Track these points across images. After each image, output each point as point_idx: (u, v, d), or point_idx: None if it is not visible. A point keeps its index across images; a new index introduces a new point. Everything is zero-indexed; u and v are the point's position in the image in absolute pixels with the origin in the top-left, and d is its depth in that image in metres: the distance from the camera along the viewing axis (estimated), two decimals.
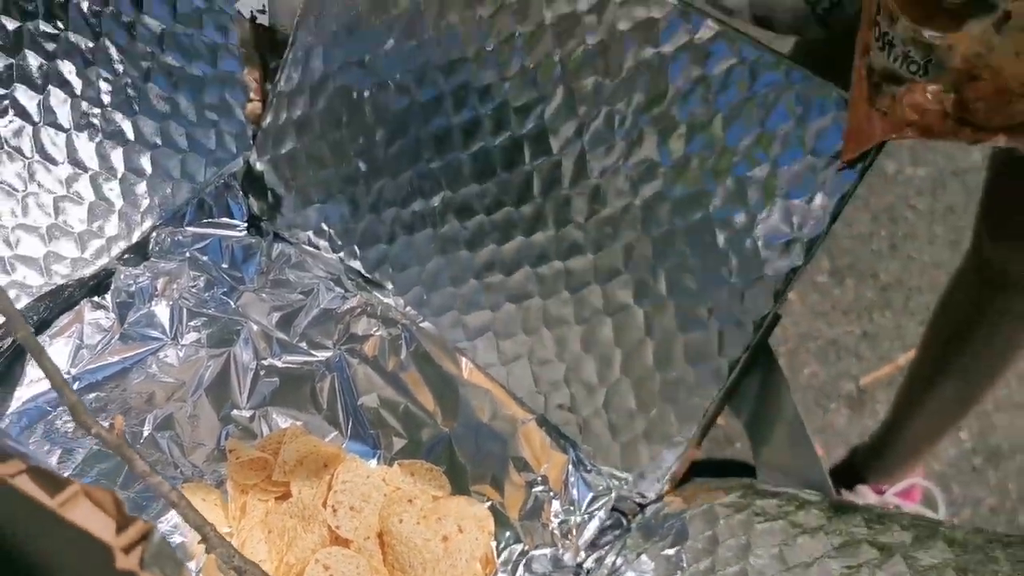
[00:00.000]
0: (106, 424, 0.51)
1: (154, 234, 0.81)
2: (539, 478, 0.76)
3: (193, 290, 0.83)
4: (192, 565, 0.68)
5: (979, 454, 1.29)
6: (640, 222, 0.69)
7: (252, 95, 0.85)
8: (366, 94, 0.78)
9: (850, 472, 1.16)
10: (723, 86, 0.64)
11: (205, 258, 0.85)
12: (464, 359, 0.81)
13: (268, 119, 0.84)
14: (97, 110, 0.74)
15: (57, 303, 0.76)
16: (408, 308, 0.83)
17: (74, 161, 0.74)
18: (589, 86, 0.68)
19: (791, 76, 0.62)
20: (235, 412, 0.78)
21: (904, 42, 0.50)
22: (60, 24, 0.70)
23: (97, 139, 0.74)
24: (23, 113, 0.72)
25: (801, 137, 0.63)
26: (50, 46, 0.70)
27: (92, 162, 0.75)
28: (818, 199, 0.63)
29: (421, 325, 0.82)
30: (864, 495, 1.13)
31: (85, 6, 0.71)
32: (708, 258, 0.67)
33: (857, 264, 1.43)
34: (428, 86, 0.75)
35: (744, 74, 0.63)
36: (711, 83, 0.64)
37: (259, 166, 0.86)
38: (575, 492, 0.76)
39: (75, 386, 0.78)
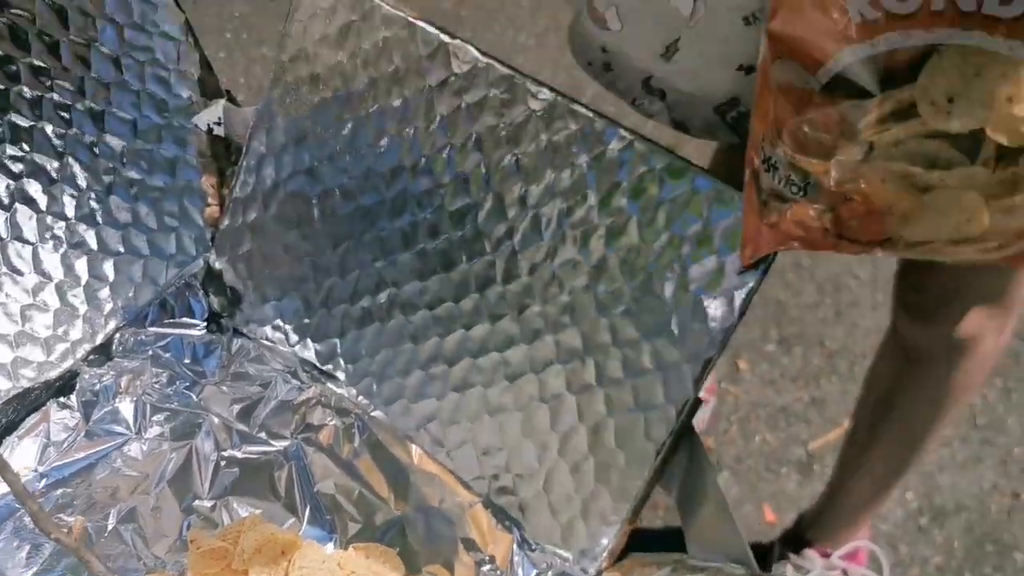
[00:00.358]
0: (71, 520, 0.55)
1: (118, 335, 0.86)
2: (487, 558, 0.80)
3: (156, 386, 0.87)
4: None
5: (925, 514, 1.34)
6: (568, 315, 0.75)
7: (210, 200, 0.91)
8: (314, 200, 0.83)
9: (797, 537, 1.21)
10: (635, 192, 0.70)
11: (168, 355, 0.89)
12: (414, 446, 0.85)
13: (226, 222, 0.90)
14: (62, 223, 0.79)
15: (24, 405, 0.81)
16: (360, 398, 0.87)
17: (40, 272, 0.79)
18: (516, 192, 0.74)
19: (697, 182, 0.69)
20: (197, 503, 0.82)
21: (785, 167, 0.55)
22: (26, 147, 0.75)
23: (62, 250, 0.79)
24: None
25: (709, 238, 0.68)
26: (17, 167, 0.76)
27: (57, 272, 0.80)
28: (727, 294, 0.68)
29: (372, 414, 0.87)
30: (811, 559, 1.17)
31: (50, 129, 0.76)
32: (631, 349, 0.73)
33: (804, 332, 1.49)
34: (371, 192, 0.81)
35: (655, 180, 0.69)
36: (625, 189, 0.70)
37: (218, 266, 0.91)
38: (520, 571, 0.80)
39: (43, 483, 0.82)
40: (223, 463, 0.84)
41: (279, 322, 0.90)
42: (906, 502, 1.34)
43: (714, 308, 0.69)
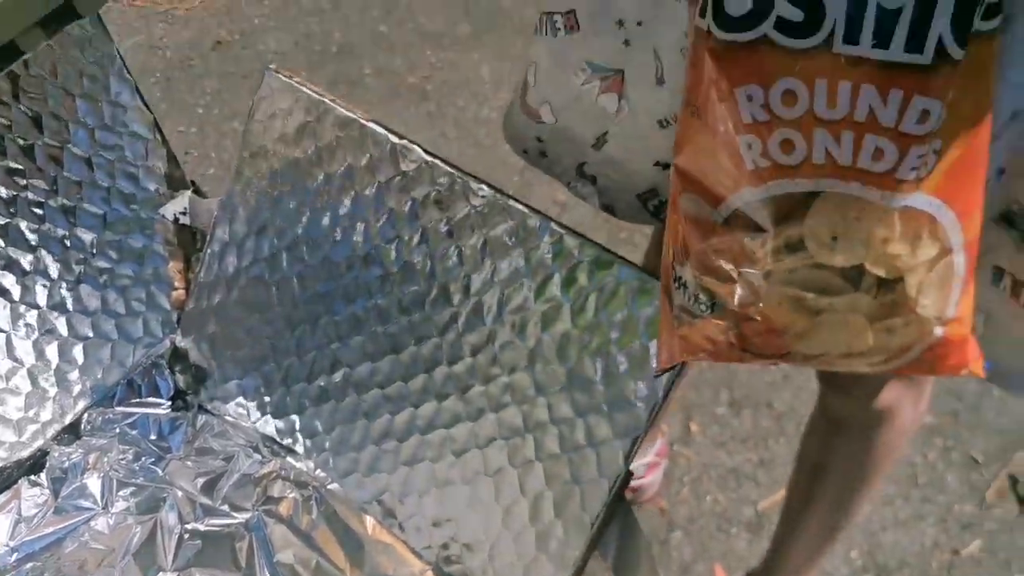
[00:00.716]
0: None
1: (86, 415, 0.91)
2: None
3: (122, 462, 0.92)
4: None
5: (869, 571, 1.39)
6: (508, 395, 0.80)
7: (177, 284, 0.96)
8: (273, 286, 0.89)
9: None
10: (567, 282, 0.76)
11: (134, 432, 0.94)
12: (368, 517, 0.90)
13: (191, 305, 0.95)
14: (34, 312, 0.84)
15: None
16: (318, 471, 0.92)
17: (13, 358, 0.83)
18: (459, 282, 0.80)
19: (622, 274, 0.75)
20: (160, 575, 0.86)
21: (694, 286, 0.60)
22: (0, 242, 0.81)
23: (33, 337, 0.84)
24: None
25: (634, 325, 0.75)
26: None
27: (29, 357, 0.84)
28: (651, 377, 0.74)
29: (329, 487, 0.91)
30: None
31: (24, 225, 0.82)
32: (566, 426, 0.78)
33: (753, 395, 1.55)
34: (326, 280, 0.86)
35: (584, 272, 0.76)
36: (557, 280, 0.76)
37: (184, 346, 0.96)
38: None
39: (14, 557, 0.86)
40: (186, 535, 0.89)
41: (242, 399, 0.95)
42: (851, 560, 1.39)
43: (640, 390, 0.75)
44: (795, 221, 0.54)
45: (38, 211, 0.83)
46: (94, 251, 0.87)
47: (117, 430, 0.92)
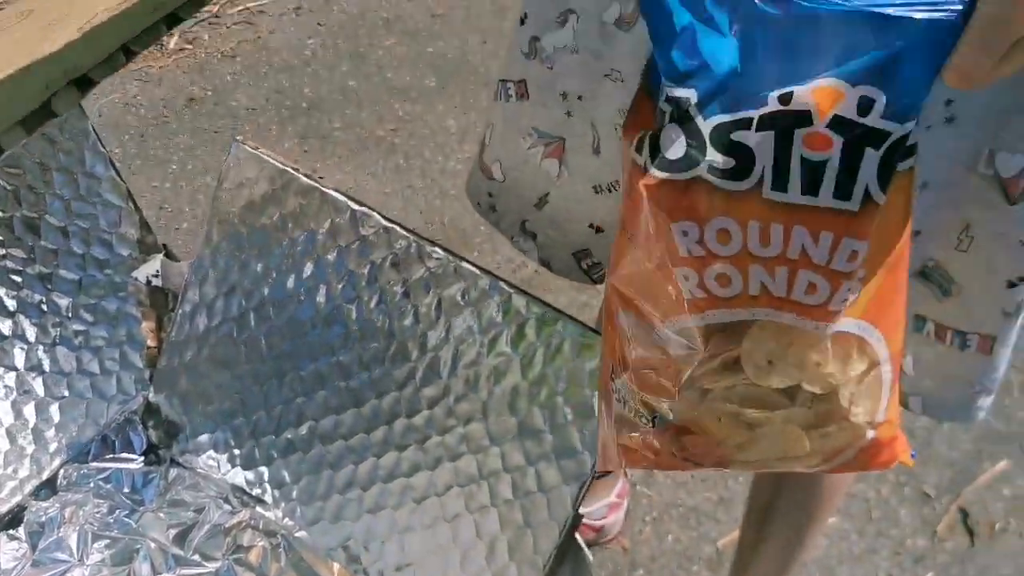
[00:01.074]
0: None
1: (62, 470, 0.95)
2: None
3: (97, 515, 0.96)
4: None
5: None
6: (464, 444, 0.85)
7: (149, 343, 1.01)
8: (242, 345, 0.94)
9: None
10: (516, 338, 0.81)
11: (109, 486, 0.98)
12: (335, 563, 0.94)
13: (163, 362, 0.99)
14: (12, 374, 0.88)
15: None
16: (286, 520, 0.96)
17: None
18: (416, 339, 0.85)
19: (567, 329, 0.80)
20: None
21: (634, 399, 0.62)
22: None
23: (12, 397, 0.88)
24: None
25: (579, 377, 0.80)
26: None
27: (8, 417, 0.89)
28: (595, 426, 0.79)
29: (297, 535, 0.96)
30: None
31: (2, 292, 0.86)
32: (519, 473, 0.83)
33: None
34: (291, 338, 0.91)
35: (532, 328, 0.81)
36: (507, 336, 0.82)
37: (156, 402, 1.00)
38: None
39: None
40: None
41: (212, 452, 0.99)
42: None
43: (585, 438, 0.80)
44: (731, 342, 0.56)
45: (16, 279, 0.87)
46: (70, 315, 0.92)
47: (92, 484, 0.96)
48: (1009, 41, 0.47)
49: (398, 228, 0.85)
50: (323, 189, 0.88)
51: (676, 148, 0.52)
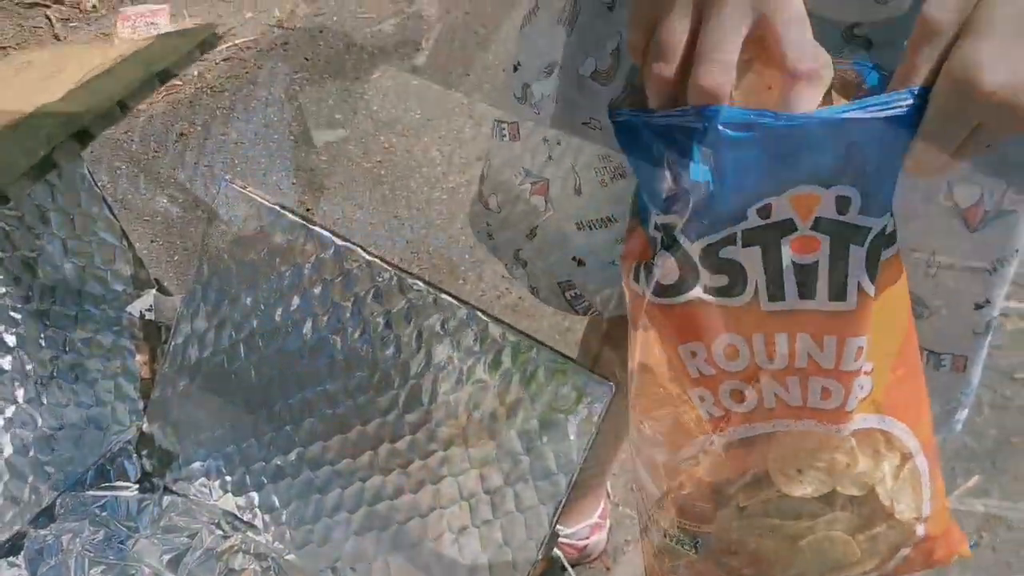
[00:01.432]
0: None
1: (60, 499, 0.98)
2: None
3: (94, 542, 0.99)
4: None
5: None
6: (445, 467, 0.89)
7: (143, 374, 1.05)
8: (232, 375, 0.98)
9: None
10: (493, 365, 0.86)
11: (105, 513, 1.01)
12: None
13: (156, 393, 1.03)
14: (12, 407, 0.92)
15: None
16: (276, 543, 1.00)
17: None
18: (398, 367, 0.89)
19: (541, 356, 0.84)
20: None
21: (674, 530, 0.62)
22: None
23: (12, 430, 0.92)
24: None
25: (553, 401, 0.84)
26: None
27: (8, 448, 0.92)
28: (568, 448, 0.84)
29: (287, 557, 0.99)
30: None
31: (1, 329, 0.90)
32: (497, 495, 0.87)
33: None
34: (280, 368, 0.95)
35: (508, 355, 0.85)
36: (484, 363, 0.86)
37: (150, 431, 1.04)
38: None
39: None
40: None
41: (204, 479, 1.03)
42: None
43: (560, 460, 0.84)
44: (758, 455, 0.56)
45: (15, 315, 0.91)
46: (66, 349, 0.96)
47: (89, 512, 1.00)
48: (962, 134, 0.49)
49: (380, 262, 0.90)
50: (308, 226, 0.92)
51: (670, 274, 0.53)
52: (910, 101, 0.49)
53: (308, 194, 2.06)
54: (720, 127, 0.49)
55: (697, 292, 0.53)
